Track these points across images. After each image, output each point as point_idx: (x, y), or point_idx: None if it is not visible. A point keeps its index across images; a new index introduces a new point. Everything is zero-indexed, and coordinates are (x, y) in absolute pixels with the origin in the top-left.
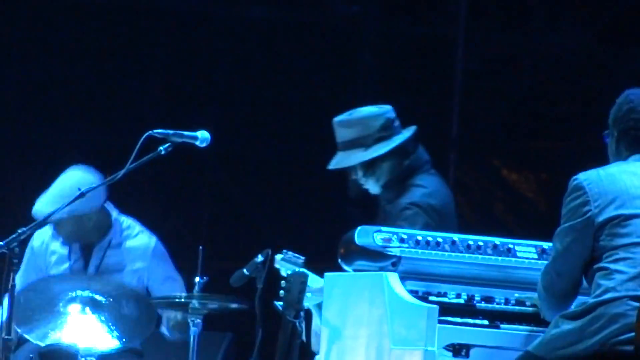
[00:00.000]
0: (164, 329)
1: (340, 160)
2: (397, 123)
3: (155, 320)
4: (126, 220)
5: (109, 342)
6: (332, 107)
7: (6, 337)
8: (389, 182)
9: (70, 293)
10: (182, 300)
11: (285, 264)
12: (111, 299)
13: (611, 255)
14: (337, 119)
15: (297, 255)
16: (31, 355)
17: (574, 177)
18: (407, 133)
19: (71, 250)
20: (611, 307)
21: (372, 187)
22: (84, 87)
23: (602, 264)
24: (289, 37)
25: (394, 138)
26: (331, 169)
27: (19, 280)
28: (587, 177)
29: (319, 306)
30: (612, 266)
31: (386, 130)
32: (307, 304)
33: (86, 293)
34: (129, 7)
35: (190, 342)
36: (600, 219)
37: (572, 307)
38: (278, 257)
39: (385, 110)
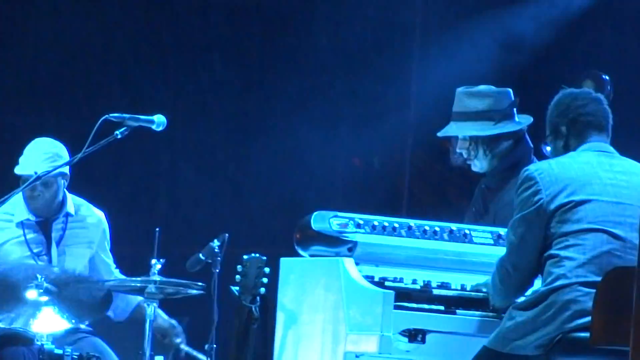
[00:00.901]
0: (110, 312)
1: (462, 129)
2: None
3: (109, 303)
4: (74, 197)
5: (61, 324)
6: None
7: None
8: (501, 165)
9: (30, 282)
10: (139, 285)
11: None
12: (66, 286)
13: (561, 242)
14: (465, 88)
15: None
16: None
17: (526, 168)
18: (529, 118)
19: (25, 228)
20: (562, 294)
21: (482, 163)
22: (39, 72)
23: (552, 252)
24: None
25: (517, 120)
26: (451, 135)
27: None
28: (538, 168)
29: None
30: (562, 253)
31: (512, 111)
32: None
33: (42, 281)
34: None
35: (146, 327)
36: (552, 206)
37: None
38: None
39: (510, 91)
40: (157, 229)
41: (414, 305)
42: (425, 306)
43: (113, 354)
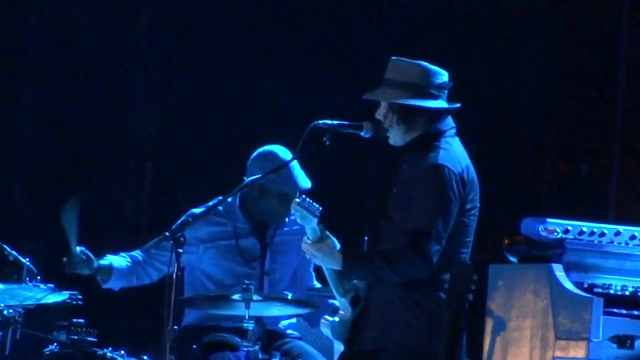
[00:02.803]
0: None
1: (381, 94)
2: (446, 92)
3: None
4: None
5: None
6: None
7: (170, 327)
8: (415, 140)
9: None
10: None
11: (300, 209)
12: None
13: None
14: (400, 57)
15: (315, 204)
16: (194, 345)
17: None
18: (456, 105)
19: (239, 235)
20: None
21: (397, 135)
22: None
23: None
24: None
25: (439, 101)
26: (369, 98)
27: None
28: None
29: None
30: None
31: (437, 90)
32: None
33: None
34: None
35: None
36: None
37: None
38: (294, 201)
39: (445, 73)
40: (365, 238)
41: (623, 311)
42: (635, 312)
43: (320, 355)
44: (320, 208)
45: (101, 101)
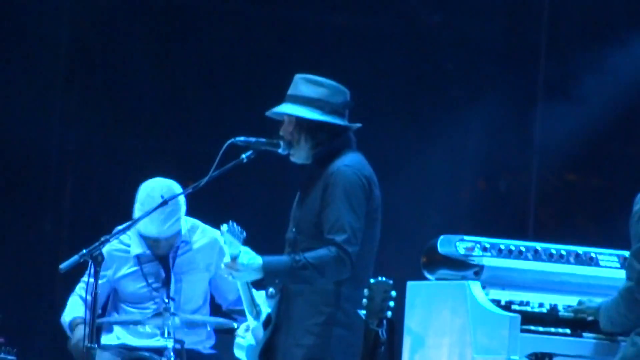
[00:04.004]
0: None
1: (290, 109)
2: (347, 111)
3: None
4: (187, 220)
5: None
6: (413, 112)
7: (90, 345)
8: (320, 156)
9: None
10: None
11: (229, 235)
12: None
13: None
14: (305, 74)
15: (241, 229)
16: None
17: None
18: (357, 124)
19: (142, 262)
20: None
21: (301, 152)
22: (164, 95)
23: None
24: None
25: (345, 119)
26: (276, 112)
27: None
28: None
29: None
30: None
31: (343, 109)
32: (239, 280)
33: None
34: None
35: None
36: None
37: None
38: (223, 227)
39: (347, 92)
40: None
41: (541, 328)
42: (552, 329)
43: None
44: (244, 233)
45: (19, 118)
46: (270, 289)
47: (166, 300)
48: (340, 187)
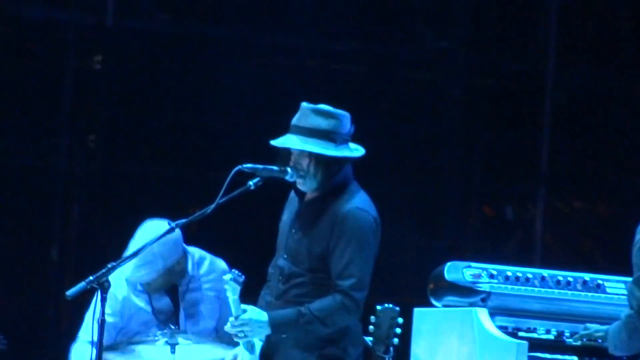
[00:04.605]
0: None
1: (305, 143)
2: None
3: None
4: (194, 251)
5: None
6: (422, 140)
7: None
8: (328, 188)
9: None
10: None
11: (233, 283)
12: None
13: None
14: (310, 105)
15: (240, 273)
16: None
17: None
18: (361, 149)
19: (152, 298)
20: None
21: (312, 182)
22: (167, 120)
23: None
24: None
25: (352, 145)
26: (292, 147)
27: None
28: None
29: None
30: None
31: (349, 136)
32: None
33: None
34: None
35: None
36: None
37: None
38: (227, 276)
39: (349, 115)
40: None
41: (548, 355)
42: (559, 357)
43: None
44: (243, 277)
45: (25, 143)
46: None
47: (172, 328)
48: (353, 233)
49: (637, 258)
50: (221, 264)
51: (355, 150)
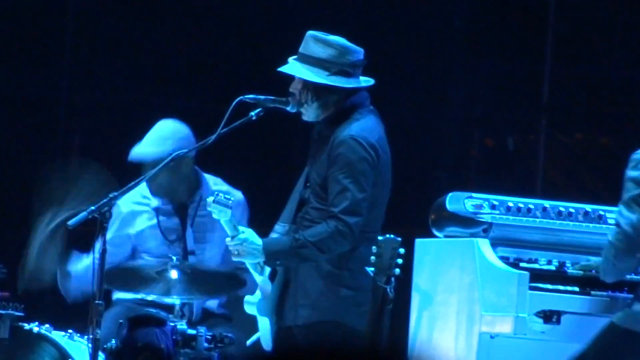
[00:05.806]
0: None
1: (297, 70)
2: (360, 68)
3: (240, 284)
4: (211, 178)
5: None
6: (423, 70)
7: (97, 302)
8: (330, 117)
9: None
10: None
11: (216, 205)
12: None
13: None
14: (314, 32)
15: (227, 197)
16: (120, 321)
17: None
18: (368, 82)
19: (160, 214)
20: None
21: (309, 111)
22: (174, 52)
23: None
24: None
25: (354, 79)
26: (283, 71)
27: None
28: None
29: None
30: None
31: (352, 68)
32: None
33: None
34: None
35: None
36: None
37: None
38: (210, 199)
39: (360, 51)
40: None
41: (549, 286)
42: (561, 287)
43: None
44: (232, 199)
45: (28, 76)
46: None
47: (178, 257)
48: (344, 162)
49: (629, 182)
50: (237, 194)
51: (352, 82)
